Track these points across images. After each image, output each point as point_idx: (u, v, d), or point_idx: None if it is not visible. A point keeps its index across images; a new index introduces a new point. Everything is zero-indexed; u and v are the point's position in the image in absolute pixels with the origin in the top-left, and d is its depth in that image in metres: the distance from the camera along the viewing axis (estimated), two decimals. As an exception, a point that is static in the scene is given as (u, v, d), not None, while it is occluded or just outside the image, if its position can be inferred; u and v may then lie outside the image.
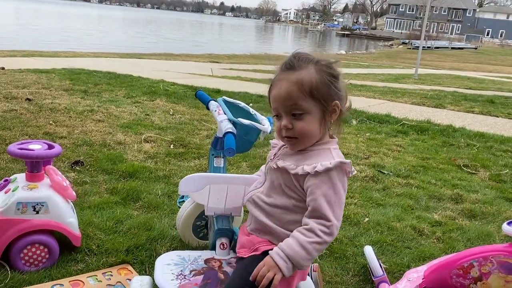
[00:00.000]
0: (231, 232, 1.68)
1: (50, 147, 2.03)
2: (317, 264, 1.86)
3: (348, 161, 1.35)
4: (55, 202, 1.94)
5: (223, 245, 1.65)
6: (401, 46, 48.23)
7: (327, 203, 1.32)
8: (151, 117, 4.76)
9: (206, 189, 1.71)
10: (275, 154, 1.52)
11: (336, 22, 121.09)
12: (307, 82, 1.35)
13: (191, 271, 1.53)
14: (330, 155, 1.37)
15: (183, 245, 2.16)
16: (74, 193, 2.03)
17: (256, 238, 1.48)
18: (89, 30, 30.51)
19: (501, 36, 74.27)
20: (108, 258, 2.04)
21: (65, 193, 1.99)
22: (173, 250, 2.11)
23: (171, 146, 3.81)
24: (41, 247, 1.93)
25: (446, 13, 75.50)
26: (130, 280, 1.90)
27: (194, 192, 1.71)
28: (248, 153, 3.59)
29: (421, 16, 59.47)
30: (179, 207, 2.23)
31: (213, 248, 1.68)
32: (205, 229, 2.15)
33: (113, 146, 3.65)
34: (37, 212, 1.91)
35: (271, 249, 1.35)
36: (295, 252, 1.30)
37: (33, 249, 1.92)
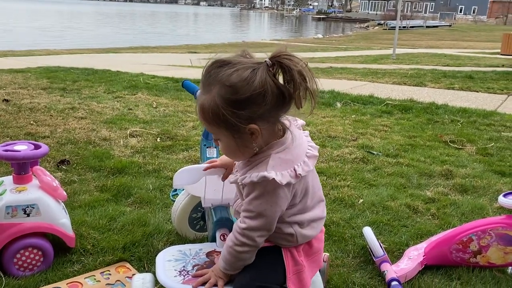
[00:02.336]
0: (230, 222, 1.64)
1: (37, 147, 1.96)
2: (328, 254, 1.84)
3: (272, 177, 1.22)
4: (46, 203, 1.88)
5: (224, 236, 1.61)
6: (377, 28, 48.48)
7: (246, 210, 1.30)
8: (134, 111, 4.67)
9: (202, 181, 1.67)
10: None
11: (311, 7, 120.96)
12: (207, 110, 1.24)
13: (193, 266, 1.50)
14: (265, 166, 1.25)
15: (180, 239, 2.13)
16: (65, 193, 1.97)
17: None
18: (62, 28, 29.81)
19: (473, 12, 75.24)
20: (104, 257, 1.99)
21: (56, 194, 1.93)
22: (170, 244, 2.08)
23: (158, 139, 3.75)
24: (35, 251, 1.87)
25: (419, -8, 76.03)
26: (129, 278, 1.87)
27: (190, 185, 1.67)
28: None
29: (395, -4, 59.73)
30: (173, 201, 2.19)
31: (213, 240, 1.65)
32: (201, 221, 2.11)
33: (98, 143, 3.57)
34: (28, 215, 1.85)
35: (270, 246, 1.38)
36: (223, 256, 1.36)
37: (27, 253, 1.86)
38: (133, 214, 2.38)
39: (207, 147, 2.00)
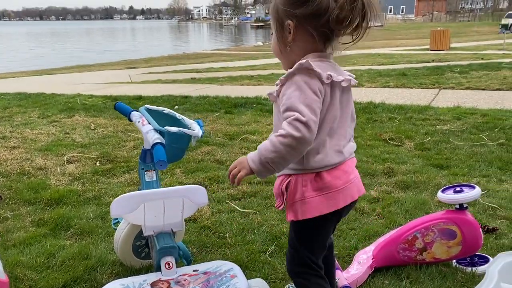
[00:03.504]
0: (175, 249, 1.58)
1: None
2: None
3: (305, 59, 1.29)
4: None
5: (169, 264, 1.55)
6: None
7: (291, 102, 1.28)
8: (72, 135, 4.47)
9: (141, 208, 1.60)
10: None
11: (248, 15, 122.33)
12: (273, 2, 1.38)
13: (138, 299, 1.42)
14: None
15: (126, 269, 2.02)
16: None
17: (277, 181, 1.44)
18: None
19: (402, 11, 79.01)
20: (43, 299, 1.86)
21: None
22: (115, 276, 1.98)
23: (97, 163, 3.59)
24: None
25: (350, -5, 78.89)
26: (72, 318, 1.75)
27: (128, 213, 1.59)
28: (182, 159, 3.47)
29: (328, 0, 61.42)
30: (115, 229, 2.08)
31: (158, 269, 1.57)
32: (146, 248, 2.02)
33: (33, 173, 3.37)
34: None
35: (289, 181, 1.39)
36: (262, 145, 1.30)
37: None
38: (73, 248, 2.24)
39: (145, 171, 1.92)
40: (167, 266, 1.55)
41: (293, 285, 1.77)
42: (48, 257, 2.15)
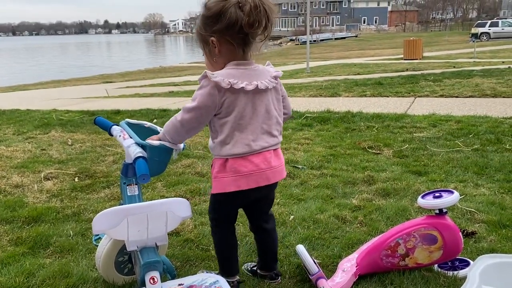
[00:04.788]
0: (159, 264, 1.56)
1: None
2: None
3: (205, 72, 1.63)
4: None
5: (153, 279, 1.53)
6: (289, 43, 50.25)
7: (193, 97, 1.68)
8: (48, 151, 4.39)
9: (124, 223, 1.58)
10: None
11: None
12: (196, 29, 1.72)
13: (122, 316, 1.40)
14: None
15: (108, 286, 1.99)
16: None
17: None
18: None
19: (375, 22, 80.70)
20: (23, 320, 1.80)
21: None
22: (97, 293, 1.94)
23: (76, 179, 3.53)
24: None
25: (324, 6, 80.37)
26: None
27: (111, 229, 1.57)
28: (163, 172, 3.44)
29: (303, 12, 62.40)
30: (96, 245, 2.05)
31: (142, 284, 1.55)
32: (129, 263, 1.99)
33: (9, 191, 3.29)
34: None
35: (212, 163, 1.81)
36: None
37: None
38: (53, 266, 2.19)
39: (127, 185, 1.90)
40: (151, 281, 1.53)
41: (247, 266, 2.16)
42: (27, 277, 2.10)
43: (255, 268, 2.09)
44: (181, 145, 1.83)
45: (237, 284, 1.94)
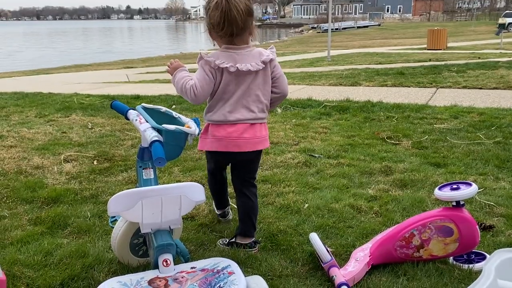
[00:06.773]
0: (172, 246, 1.58)
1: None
2: None
3: (200, 52, 2.03)
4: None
5: (166, 261, 1.55)
6: (311, 31, 49.76)
7: (195, 74, 2.03)
8: (69, 134, 4.46)
9: (139, 206, 1.59)
10: None
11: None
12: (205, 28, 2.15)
13: (135, 296, 1.42)
14: None
15: (123, 267, 2.02)
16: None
17: None
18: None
19: (399, 11, 79.09)
20: (41, 297, 1.85)
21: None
22: (112, 274, 1.97)
23: (95, 162, 3.59)
24: (-40, 300, 1.71)
25: (348, -6, 79.00)
26: (69, 316, 1.75)
27: (126, 211, 1.59)
28: (179, 157, 3.47)
29: (326, 0, 61.63)
30: (112, 227, 2.08)
31: (155, 266, 1.57)
32: (144, 246, 2.02)
33: (30, 172, 3.36)
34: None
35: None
36: (181, 78, 2.07)
37: (-50, 304, 1.70)
38: (70, 246, 2.24)
39: (143, 169, 1.92)
40: (164, 264, 1.55)
41: (223, 241, 2.29)
42: (45, 256, 2.15)
43: (232, 241, 2.22)
44: (196, 130, 1.84)
45: (253, 244, 2.16)
